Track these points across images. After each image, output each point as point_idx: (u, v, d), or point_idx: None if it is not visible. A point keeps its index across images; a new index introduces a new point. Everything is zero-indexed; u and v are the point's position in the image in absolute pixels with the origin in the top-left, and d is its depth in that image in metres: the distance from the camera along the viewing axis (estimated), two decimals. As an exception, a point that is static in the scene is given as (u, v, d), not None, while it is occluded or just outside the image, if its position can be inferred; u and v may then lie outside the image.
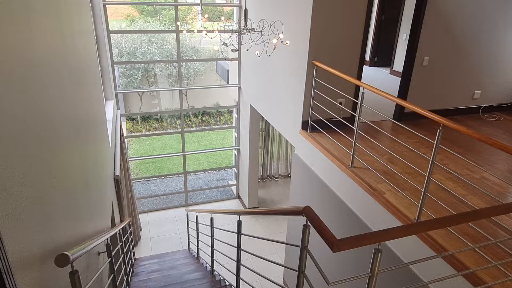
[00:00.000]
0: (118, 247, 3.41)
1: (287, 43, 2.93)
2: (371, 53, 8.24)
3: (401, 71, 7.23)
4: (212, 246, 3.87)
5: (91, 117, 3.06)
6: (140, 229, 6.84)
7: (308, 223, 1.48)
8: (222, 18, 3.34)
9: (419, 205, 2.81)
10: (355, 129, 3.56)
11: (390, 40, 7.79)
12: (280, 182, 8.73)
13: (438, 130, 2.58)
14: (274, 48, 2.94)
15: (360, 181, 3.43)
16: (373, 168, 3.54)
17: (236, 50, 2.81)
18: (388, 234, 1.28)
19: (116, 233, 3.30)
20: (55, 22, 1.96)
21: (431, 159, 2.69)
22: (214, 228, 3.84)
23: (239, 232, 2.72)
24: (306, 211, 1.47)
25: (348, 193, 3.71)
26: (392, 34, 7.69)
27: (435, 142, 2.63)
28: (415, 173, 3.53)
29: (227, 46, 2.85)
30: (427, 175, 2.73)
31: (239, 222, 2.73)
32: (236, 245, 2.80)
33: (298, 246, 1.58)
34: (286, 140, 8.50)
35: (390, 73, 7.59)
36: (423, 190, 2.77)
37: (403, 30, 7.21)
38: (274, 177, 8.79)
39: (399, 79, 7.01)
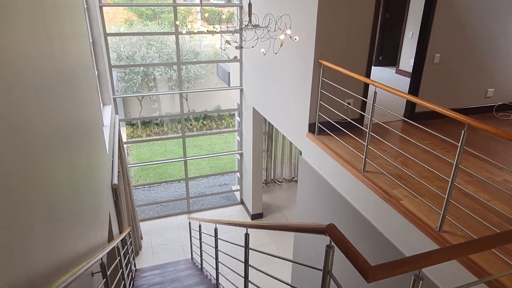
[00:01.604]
0: (116, 261, 3.19)
1: (295, 39, 2.72)
2: (375, 52, 8.03)
3: (407, 70, 7.07)
4: (216, 258, 3.64)
5: (85, 123, 2.85)
6: (141, 238, 6.61)
7: (332, 244, 1.25)
8: (223, 16, 3.13)
9: (442, 213, 2.58)
10: (367, 131, 3.34)
11: (395, 39, 7.57)
12: (285, 186, 8.50)
13: (463, 131, 2.36)
14: (281, 45, 2.72)
15: (374, 187, 3.21)
16: (387, 172, 3.32)
17: (240, 47, 2.60)
18: (431, 258, 1.06)
19: (114, 246, 3.08)
20: (40, 24, 1.76)
21: (455, 163, 2.46)
22: (218, 239, 3.61)
23: (246, 246, 2.49)
24: (330, 230, 1.24)
25: (361, 200, 3.48)
26: (397, 33, 7.48)
27: (459, 144, 2.40)
28: (432, 177, 3.31)
29: (229, 44, 2.64)
30: (450, 180, 2.50)
31: (247, 236, 2.49)
32: (243, 260, 2.57)
33: (320, 270, 1.36)
34: (290, 143, 8.27)
35: (396, 73, 7.38)
36: (446, 197, 2.55)
37: (409, 28, 7.00)
38: (278, 181, 8.56)
39: (406, 78, 6.84)
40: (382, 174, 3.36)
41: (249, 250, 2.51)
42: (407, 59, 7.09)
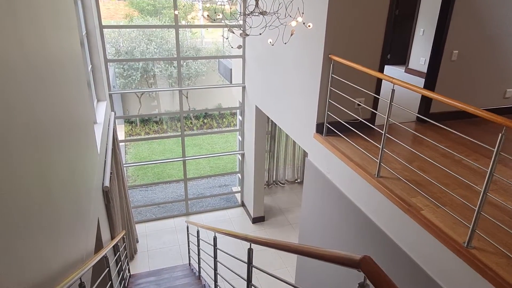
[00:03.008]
0: (105, 272, 2.89)
1: (309, 26, 2.41)
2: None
3: (417, 69, 6.75)
4: (215, 269, 3.34)
5: (70, 121, 2.55)
6: (137, 241, 6.31)
7: (368, 282, 0.96)
8: (226, 5, 2.82)
9: (471, 226, 2.28)
10: (383, 132, 3.04)
11: (404, 36, 7.25)
12: (287, 188, 8.19)
13: (500, 134, 2.06)
14: (291, 34, 2.42)
15: (390, 194, 2.90)
16: (403, 178, 3.01)
17: (245, 35, 2.30)
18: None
19: (103, 256, 2.78)
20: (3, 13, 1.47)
21: (489, 171, 2.16)
22: (218, 249, 3.30)
23: (249, 264, 2.19)
24: (365, 264, 0.94)
25: (375, 208, 3.17)
26: (407, 30, 7.16)
27: (495, 150, 2.10)
28: (453, 184, 3.01)
29: (233, 32, 2.34)
30: (482, 190, 2.20)
31: (250, 252, 2.19)
32: (245, 277, 2.26)
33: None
34: (294, 143, 7.97)
35: (405, 72, 7.06)
36: (476, 209, 2.25)
37: (420, 25, 6.68)
38: (280, 183, 8.26)
39: (416, 77, 6.53)
40: (398, 180, 3.05)
41: (253, 267, 2.21)
42: (417, 57, 6.78)
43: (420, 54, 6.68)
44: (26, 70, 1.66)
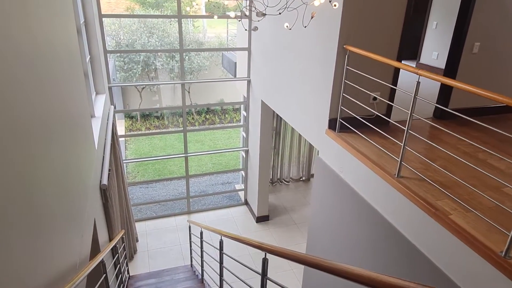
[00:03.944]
0: (102, 279, 2.66)
1: (335, 5, 2.16)
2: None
3: (429, 64, 6.49)
4: (221, 275, 3.10)
5: (64, 113, 2.30)
6: (137, 240, 6.08)
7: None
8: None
9: (511, 234, 2.04)
10: (405, 129, 2.80)
11: (416, 30, 6.98)
12: (292, 186, 7.96)
13: (551, 131, 1.81)
14: (312, 17, 2.17)
15: (412, 196, 2.66)
16: (427, 178, 2.77)
17: (262, 15, 2.04)
18: None
19: (99, 262, 2.55)
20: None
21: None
22: (224, 254, 3.06)
23: (264, 276, 1.94)
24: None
25: (393, 209, 2.93)
26: (418, 23, 6.88)
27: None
28: (481, 185, 2.77)
29: (246, 16, 2.09)
30: (526, 194, 1.95)
31: (265, 263, 1.93)
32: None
33: None
34: (299, 140, 7.72)
35: (416, 67, 6.79)
36: (518, 215, 2.01)
37: (433, 18, 6.41)
38: (285, 180, 8.02)
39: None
40: (420, 180, 2.81)
41: (267, 280, 1.96)
42: (429, 52, 6.52)
43: (432, 48, 6.42)
44: (14, 58, 1.42)
